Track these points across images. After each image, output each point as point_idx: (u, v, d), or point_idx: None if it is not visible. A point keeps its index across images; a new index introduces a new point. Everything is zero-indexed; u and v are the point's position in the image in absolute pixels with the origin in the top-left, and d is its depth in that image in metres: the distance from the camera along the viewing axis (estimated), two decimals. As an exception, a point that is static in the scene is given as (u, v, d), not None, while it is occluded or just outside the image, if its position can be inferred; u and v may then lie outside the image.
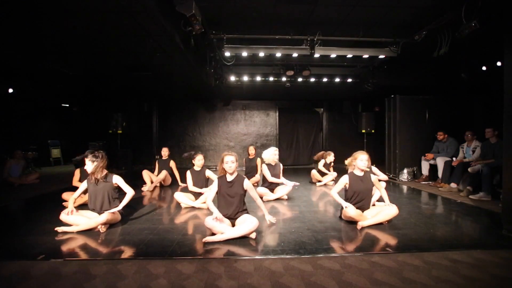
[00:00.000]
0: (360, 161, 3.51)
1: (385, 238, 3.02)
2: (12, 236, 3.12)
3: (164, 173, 5.95)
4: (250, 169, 6.34)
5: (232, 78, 7.28)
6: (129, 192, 3.58)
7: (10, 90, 7.60)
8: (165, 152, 6.30)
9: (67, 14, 3.87)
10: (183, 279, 2.18)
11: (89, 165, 3.45)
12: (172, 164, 6.23)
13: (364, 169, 3.53)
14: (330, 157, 6.52)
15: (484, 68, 6.27)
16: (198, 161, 4.68)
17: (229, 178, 3.25)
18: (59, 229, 3.20)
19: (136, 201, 4.75)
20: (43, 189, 5.83)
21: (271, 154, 5.02)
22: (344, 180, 3.54)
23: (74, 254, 2.66)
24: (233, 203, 3.20)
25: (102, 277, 2.21)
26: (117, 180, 3.56)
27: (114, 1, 3.40)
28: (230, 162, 3.19)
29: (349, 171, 3.64)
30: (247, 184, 3.26)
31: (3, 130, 8.25)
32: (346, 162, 3.73)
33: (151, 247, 2.79)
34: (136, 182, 6.81)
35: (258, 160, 6.23)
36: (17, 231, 3.32)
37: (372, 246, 2.82)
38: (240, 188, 3.22)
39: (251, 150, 6.47)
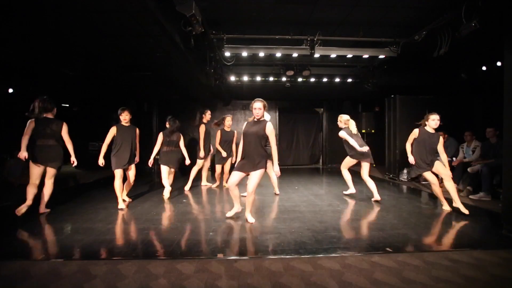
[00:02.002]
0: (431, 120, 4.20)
1: (385, 238, 3.02)
2: (12, 236, 3.12)
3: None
4: (225, 144, 5.71)
5: (232, 78, 7.27)
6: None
7: (10, 90, 7.59)
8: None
9: (67, 14, 3.87)
10: (183, 279, 2.18)
11: None
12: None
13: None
14: None
15: (484, 68, 6.27)
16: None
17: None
18: None
19: (137, 201, 4.76)
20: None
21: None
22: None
23: (74, 254, 2.66)
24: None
25: (102, 277, 2.21)
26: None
27: (114, 1, 3.40)
28: (257, 109, 3.47)
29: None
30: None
31: (3, 130, 8.24)
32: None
33: (151, 247, 2.79)
34: (136, 181, 6.83)
35: (236, 133, 5.70)
36: (17, 231, 3.32)
37: (372, 246, 2.82)
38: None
39: (228, 121, 5.72)
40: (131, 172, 4.56)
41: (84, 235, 3.13)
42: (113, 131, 4.39)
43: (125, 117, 4.55)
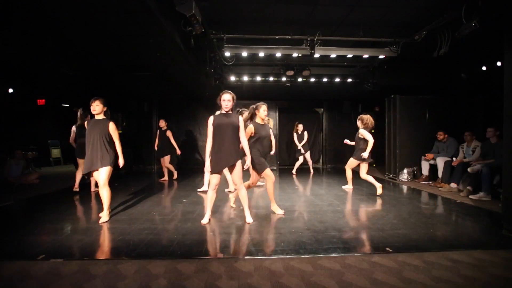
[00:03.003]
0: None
1: (385, 238, 3.02)
2: (12, 236, 3.12)
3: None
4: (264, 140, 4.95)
5: (232, 78, 7.28)
6: None
7: (10, 90, 7.60)
8: (162, 123, 6.82)
9: (67, 14, 3.87)
10: (183, 279, 2.18)
11: None
12: (169, 134, 6.70)
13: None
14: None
15: (484, 68, 6.27)
16: (264, 111, 3.84)
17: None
18: None
19: (137, 201, 4.76)
20: (43, 189, 5.84)
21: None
22: None
23: (74, 254, 2.66)
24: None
25: (102, 277, 2.21)
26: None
27: (114, 1, 3.40)
28: (227, 100, 3.39)
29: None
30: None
31: (3, 130, 8.25)
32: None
33: (151, 247, 2.79)
34: (136, 181, 6.84)
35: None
36: (17, 231, 3.32)
37: (372, 246, 2.82)
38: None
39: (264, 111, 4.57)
40: (100, 176, 3.60)
41: (84, 235, 3.13)
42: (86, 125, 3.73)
43: (94, 108, 3.67)
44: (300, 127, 8.19)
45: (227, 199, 4.85)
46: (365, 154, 5.06)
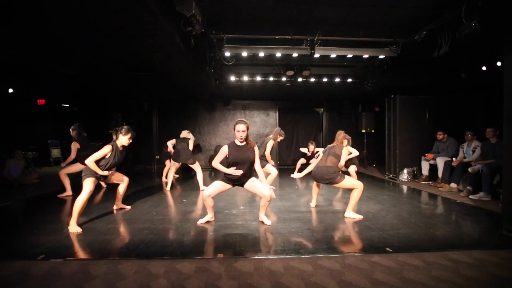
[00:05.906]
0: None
1: (385, 238, 3.02)
2: (12, 236, 3.12)
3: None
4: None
5: (232, 78, 7.27)
6: None
7: (10, 90, 7.60)
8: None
9: (67, 14, 3.87)
10: (183, 279, 2.18)
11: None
12: None
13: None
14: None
15: (484, 68, 6.27)
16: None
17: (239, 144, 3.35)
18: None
19: (137, 201, 4.76)
20: (43, 189, 5.84)
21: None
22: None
23: (74, 254, 2.66)
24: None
25: (102, 277, 2.21)
26: None
27: (114, 1, 3.40)
28: (241, 131, 3.26)
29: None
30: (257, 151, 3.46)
31: (3, 130, 8.25)
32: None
33: (151, 247, 2.79)
34: (136, 181, 6.84)
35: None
36: (17, 231, 3.32)
37: (372, 246, 2.82)
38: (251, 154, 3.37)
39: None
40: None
41: (84, 235, 3.13)
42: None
43: None
44: (311, 147, 8.01)
45: (226, 200, 4.86)
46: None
